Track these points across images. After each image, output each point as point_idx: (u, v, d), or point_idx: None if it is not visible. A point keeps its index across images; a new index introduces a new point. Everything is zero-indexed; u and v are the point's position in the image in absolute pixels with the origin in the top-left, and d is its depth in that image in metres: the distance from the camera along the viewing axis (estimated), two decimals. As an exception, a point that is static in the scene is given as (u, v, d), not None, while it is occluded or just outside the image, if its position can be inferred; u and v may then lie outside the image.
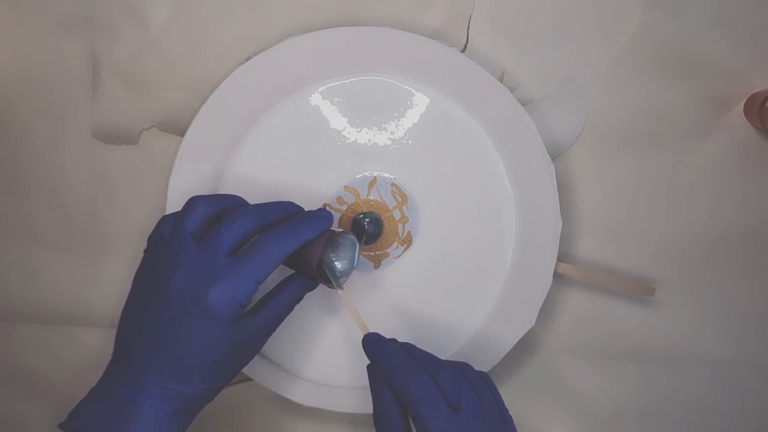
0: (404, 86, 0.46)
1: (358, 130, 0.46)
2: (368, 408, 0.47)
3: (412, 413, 0.35)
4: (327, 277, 0.40)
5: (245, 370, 0.47)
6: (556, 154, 0.48)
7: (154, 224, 0.48)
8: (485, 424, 0.35)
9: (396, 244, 0.47)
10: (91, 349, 0.50)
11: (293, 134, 0.46)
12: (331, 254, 0.41)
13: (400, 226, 0.47)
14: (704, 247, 0.49)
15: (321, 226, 0.38)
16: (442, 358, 0.48)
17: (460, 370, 0.38)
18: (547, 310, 0.48)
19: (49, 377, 0.50)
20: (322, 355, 0.47)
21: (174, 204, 0.46)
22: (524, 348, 0.49)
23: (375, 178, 0.47)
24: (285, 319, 0.46)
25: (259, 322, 0.38)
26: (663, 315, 0.49)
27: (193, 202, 0.37)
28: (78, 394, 0.50)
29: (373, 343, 0.39)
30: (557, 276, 0.47)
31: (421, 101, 0.46)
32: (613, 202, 0.48)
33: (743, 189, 0.48)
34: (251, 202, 0.46)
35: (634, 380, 0.50)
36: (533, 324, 0.46)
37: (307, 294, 0.47)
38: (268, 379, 0.47)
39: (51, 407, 0.51)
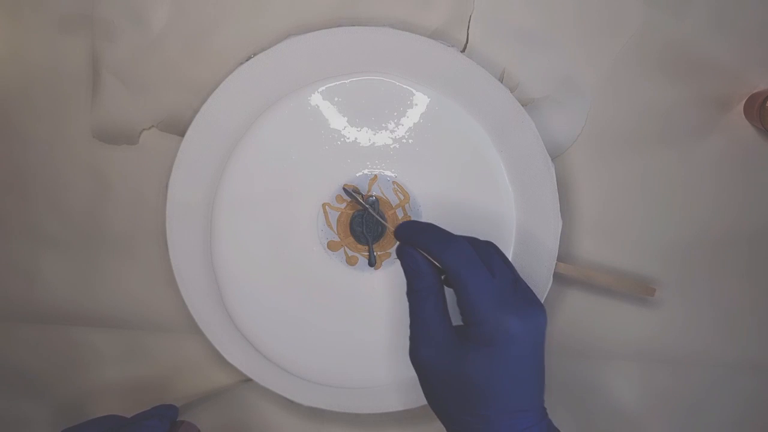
0: (404, 86, 0.46)
1: (359, 129, 0.46)
2: (368, 408, 0.47)
3: (453, 274, 0.36)
4: None
5: (245, 370, 0.47)
6: (556, 154, 0.48)
7: (154, 224, 0.48)
8: (516, 290, 0.37)
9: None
10: (91, 349, 0.50)
11: (293, 134, 0.46)
12: None
13: (400, 225, 0.47)
14: (704, 247, 0.49)
15: None
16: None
17: (487, 244, 0.39)
18: (547, 310, 0.48)
19: (49, 377, 0.50)
20: (322, 355, 0.47)
21: (174, 204, 0.46)
22: (524, 348, 0.49)
23: (375, 176, 0.47)
24: (285, 319, 0.46)
25: None
26: (663, 315, 0.49)
27: None
28: (78, 394, 0.51)
29: (408, 225, 0.39)
30: (557, 276, 0.47)
31: (421, 101, 0.46)
32: (613, 202, 0.48)
33: (743, 189, 0.48)
34: (252, 203, 0.46)
35: (633, 380, 0.50)
36: (533, 324, 0.46)
37: (308, 294, 0.47)
38: (268, 379, 0.47)
39: (51, 407, 0.51)
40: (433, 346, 0.37)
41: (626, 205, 0.49)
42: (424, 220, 0.47)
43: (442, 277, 0.38)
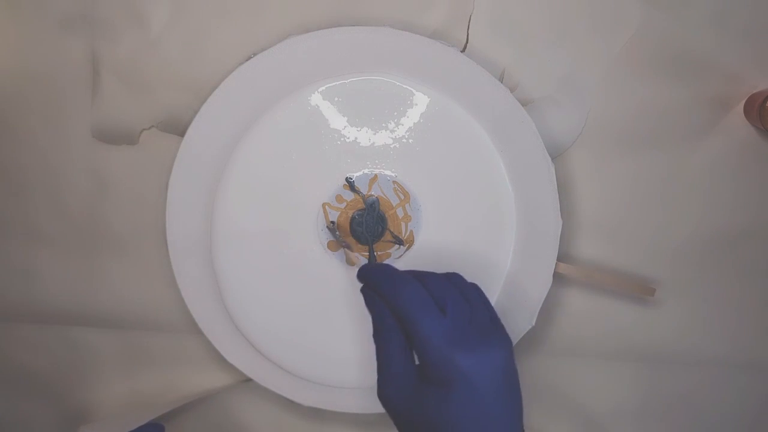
0: (404, 86, 0.46)
1: (358, 129, 0.46)
2: (368, 408, 0.47)
3: (402, 317, 0.35)
4: None
5: (245, 370, 0.47)
6: (556, 154, 0.48)
7: (154, 224, 0.48)
8: (472, 327, 0.35)
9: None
10: (91, 349, 0.50)
11: (293, 134, 0.46)
12: None
13: (403, 224, 0.47)
14: (704, 247, 0.49)
15: None
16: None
17: (447, 278, 0.38)
18: (547, 310, 0.48)
19: (49, 377, 0.50)
20: (321, 355, 0.47)
21: (174, 204, 0.46)
22: (524, 348, 0.49)
23: (376, 175, 0.47)
24: (285, 319, 0.46)
25: None
26: (663, 315, 0.49)
27: None
28: (78, 395, 0.51)
29: (365, 268, 0.39)
30: (557, 276, 0.47)
31: (421, 101, 0.46)
32: (613, 202, 0.48)
33: (743, 189, 0.48)
34: (251, 203, 0.46)
35: (633, 380, 0.50)
36: (533, 324, 0.46)
37: (308, 294, 0.47)
38: (268, 379, 0.47)
39: (50, 407, 0.51)
40: (396, 387, 0.36)
41: (626, 205, 0.49)
42: (423, 220, 0.47)
43: None
